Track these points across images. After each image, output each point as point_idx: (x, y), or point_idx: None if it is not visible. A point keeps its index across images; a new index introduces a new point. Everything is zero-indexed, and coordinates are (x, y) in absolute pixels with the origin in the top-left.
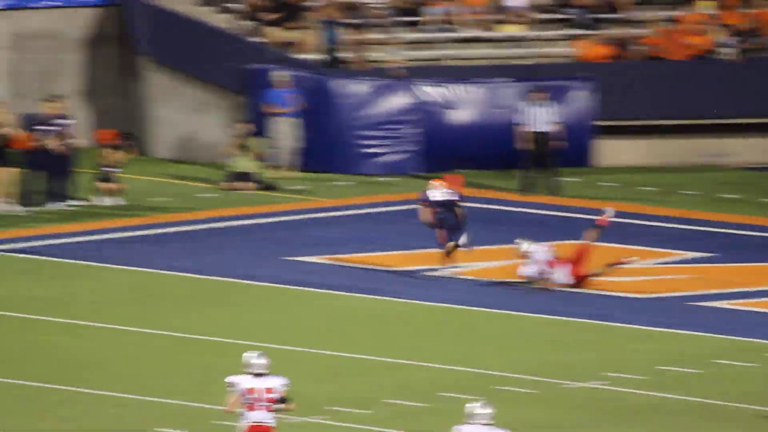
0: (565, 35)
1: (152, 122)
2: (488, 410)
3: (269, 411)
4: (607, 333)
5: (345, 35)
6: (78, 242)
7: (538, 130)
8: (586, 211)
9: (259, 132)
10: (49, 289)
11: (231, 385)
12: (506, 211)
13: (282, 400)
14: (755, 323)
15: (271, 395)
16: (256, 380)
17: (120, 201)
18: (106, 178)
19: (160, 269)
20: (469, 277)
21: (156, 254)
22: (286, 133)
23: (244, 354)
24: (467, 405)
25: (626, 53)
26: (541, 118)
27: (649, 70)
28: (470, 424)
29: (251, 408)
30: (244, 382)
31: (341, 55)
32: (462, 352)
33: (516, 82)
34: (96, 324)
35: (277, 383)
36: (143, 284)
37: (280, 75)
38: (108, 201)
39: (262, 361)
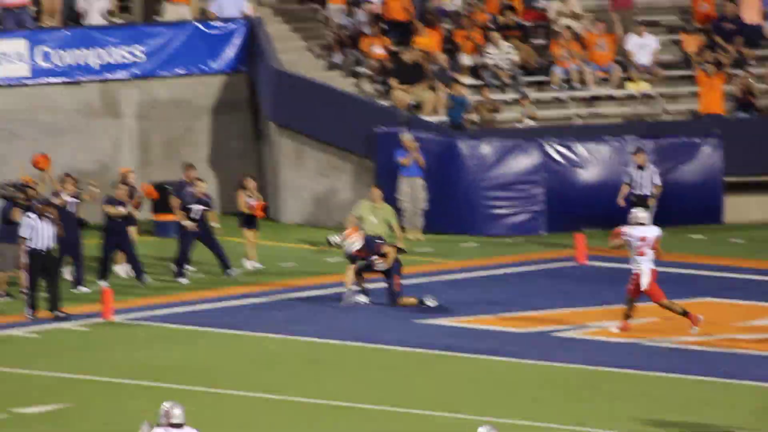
0: (691, 92)
1: (281, 187)
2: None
3: None
4: (741, 392)
5: (472, 96)
6: (211, 309)
7: (638, 192)
8: (714, 269)
9: (387, 194)
10: (183, 356)
11: None
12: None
13: None
14: None
15: None
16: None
17: (258, 265)
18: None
19: (291, 335)
20: (596, 338)
21: (286, 320)
22: (412, 194)
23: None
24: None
25: (754, 107)
26: (641, 180)
27: None
28: None
29: None
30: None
31: (468, 116)
32: (599, 412)
33: (643, 139)
34: (233, 392)
35: None
36: (275, 350)
37: (406, 137)
38: (249, 265)
39: (177, 410)
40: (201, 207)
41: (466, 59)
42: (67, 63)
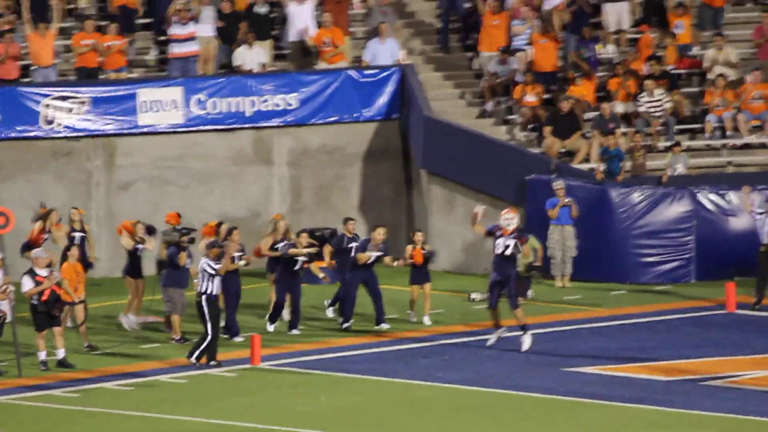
0: None
1: (431, 234)
2: None
3: None
4: None
5: (625, 143)
6: (359, 355)
7: (766, 242)
8: None
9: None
10: (329, 402)
11: None
12: None
13: None
14: None
15: None
16: None
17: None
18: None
19: (434, 382)
20: (745, 387)
21: (429, 366)
22: (562, 242)
23: None
24: None
25: None
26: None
27: None
28: None
29: None
30: None
31: (623, 164)
32: None
33: None
34: None
35: None
36: (422, 397)
37: (558, 184)
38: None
39: None
40: (377, 253)
41: (619, 107)
42: (220, 110)
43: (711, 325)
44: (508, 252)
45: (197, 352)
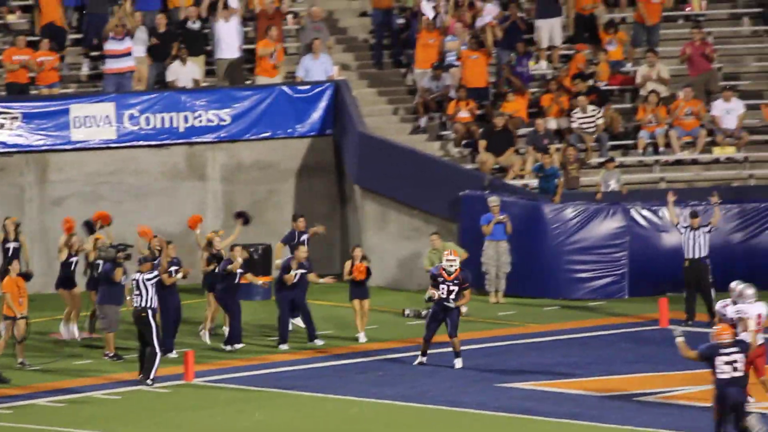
0: None
1: (365, 250)
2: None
3: None
4: None
5: (557, 159)
6: (293, 371)
7: (692, 256)
8: None
9: (472, 257)
10: (264, 418)
11: None
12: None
13: None
14: None
15: None
16: None
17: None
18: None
19: (368, 398)
20: (678, 402)
21: (367, 382)
22: (496, 258)
23: None
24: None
25: None
26: (696, 244)
27: None
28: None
29: None
30: None
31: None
32: None
33: (728, 204)
34: None
35: None
36: (356, 414)
37: (493, 201)
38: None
39: None
40: (301, 271)
41: (552, 123)
42: (154, 126)
43: (644, 340)
44: (451, 302)
45: (153, 372)
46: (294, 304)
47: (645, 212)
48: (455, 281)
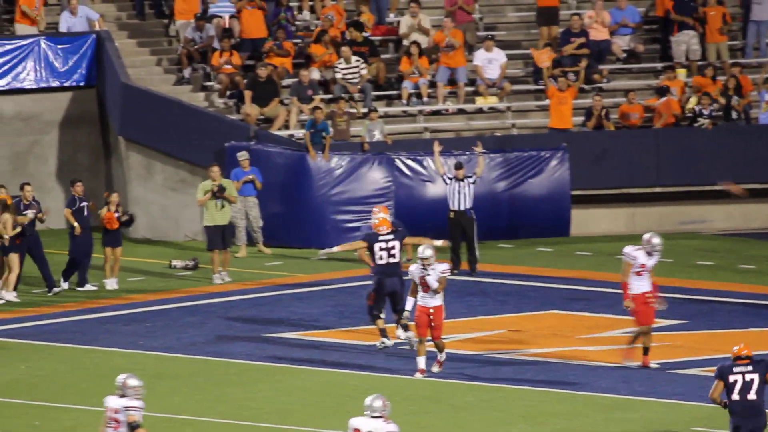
0: (539, 106)
1: (130, 202)
2: (380, 403)
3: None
4: (585, 403)
5: (325, 110)
6: (58, 323)
7: (457, 208)
8: (561, 281)
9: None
10: (28, 371)
11: None
12: (477, 282)
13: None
14: None
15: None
16: None
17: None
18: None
19: (135, 349)
20: (446, 350)
21: (130, 334)
22: (246, 212)
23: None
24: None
25: (601, 123)
26: (461, 195)
27: (622, 138)
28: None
29: None
30: None
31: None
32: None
33: (492, 153)
34: (76, 407)
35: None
36: (121, 365)
37: (242, 155)
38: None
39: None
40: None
41: (315, 74)
42: None
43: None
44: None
45: None
46: (30, 252)
47: (410, 162)
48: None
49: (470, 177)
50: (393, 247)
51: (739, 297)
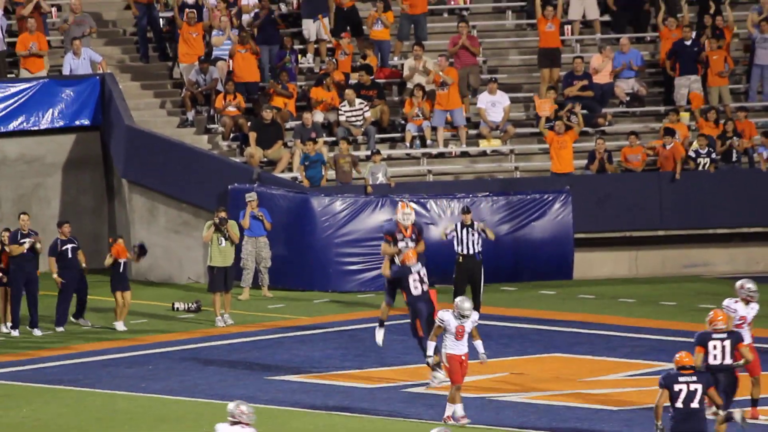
0: (541, 149)
1: (133, 244)
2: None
3: None
4: None
5: (329, 153)
6: (60, 366)
7: (466, 252)
8: (564, 324)
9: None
10: (30, 414)
11: None
12: (480, 324)
13: None
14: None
15: None
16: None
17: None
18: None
19: (137, 392)
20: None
21: (133, 377)
22: (256, 253)
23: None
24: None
25: (604, 166)
26: (470, 240)
27: (625, 181)
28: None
29: None
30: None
31: (326, 172)
32: None
33: (495, 196)
34: None
35: None
36: (124, 408)
37: (250, 196)
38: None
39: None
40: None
41: (319, 116)
42: None
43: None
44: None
45: None
46: (26, 287)
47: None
48: (412, 237)
49: (476, 228)
50: (425, 275)
51: None
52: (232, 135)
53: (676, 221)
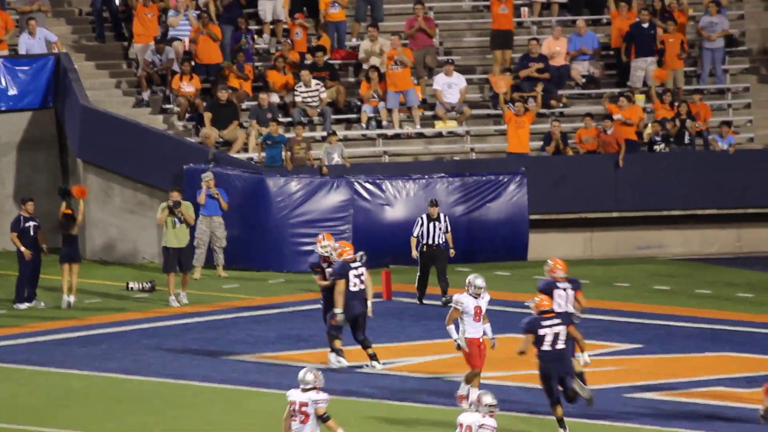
0: (497, 131)
1: (88, 223)
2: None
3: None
4: (541, 427)
5: (282, 133)
6: (14, 345)
7: (432, 242)
8: (518, 305)
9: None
10: None
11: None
12: (435, 306)
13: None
14: (683, 413)
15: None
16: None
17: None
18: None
19: (92, 371)
20: (399, 373)
21: (87, 356)
22: (210, 233)
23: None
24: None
25: (559, 147)
26: (436, 232)
27: (580, 163)
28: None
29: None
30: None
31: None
32: None
33: (450, 177)
34: (33, 428)
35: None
36: (78, 387)
37: (205, 176)
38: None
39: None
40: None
41: (275, 97)
42: None
43: None
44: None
45: None
46: None
47: (368, 185)
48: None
49: (442, 221)
50: (362, 274)
51: (696, 321)
52: (187, 115)
53: (631, 203)
